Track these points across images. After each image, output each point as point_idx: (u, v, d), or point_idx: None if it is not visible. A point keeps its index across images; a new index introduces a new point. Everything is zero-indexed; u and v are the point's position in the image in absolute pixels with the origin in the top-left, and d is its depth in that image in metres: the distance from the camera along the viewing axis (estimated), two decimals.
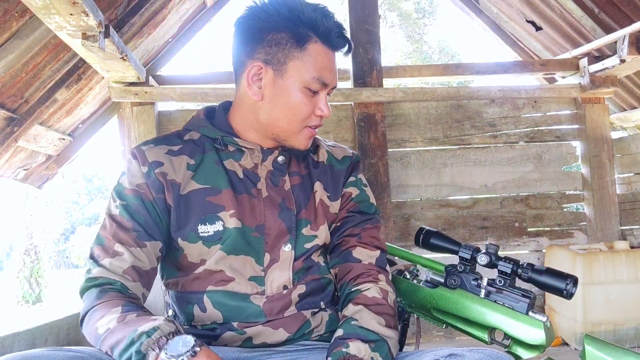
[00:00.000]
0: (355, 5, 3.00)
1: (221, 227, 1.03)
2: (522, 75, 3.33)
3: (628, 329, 2.68)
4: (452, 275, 1.10)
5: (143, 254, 1.02)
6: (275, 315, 1.04)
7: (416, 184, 3.10)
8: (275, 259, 1.06)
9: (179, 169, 1.06)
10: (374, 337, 0.96)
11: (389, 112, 3.07)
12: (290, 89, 1.04)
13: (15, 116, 2.40)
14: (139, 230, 1.02)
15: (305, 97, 1.04)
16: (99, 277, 0.99)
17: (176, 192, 1.05)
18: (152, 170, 1.04)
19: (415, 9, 13.64)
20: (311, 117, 1.07)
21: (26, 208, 10.91)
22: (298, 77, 1.03)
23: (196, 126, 1.12)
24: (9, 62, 2.07)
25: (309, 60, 1.03)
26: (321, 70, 1.04)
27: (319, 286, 1.09)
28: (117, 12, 2.38)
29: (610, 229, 3.12)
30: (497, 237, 3.12)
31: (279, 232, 1.07)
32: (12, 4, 1.83)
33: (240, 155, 1.09)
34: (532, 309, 1.03)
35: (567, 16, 3.04)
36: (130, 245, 1.01)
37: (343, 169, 1.17)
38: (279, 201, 1.08)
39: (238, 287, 1.04)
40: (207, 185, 1.06)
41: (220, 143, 1.09)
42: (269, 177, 1.09)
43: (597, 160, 3.14)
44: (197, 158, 1.08)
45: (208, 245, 1.04)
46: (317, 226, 1.10)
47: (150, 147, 1.07)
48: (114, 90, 2.80)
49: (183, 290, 1.07)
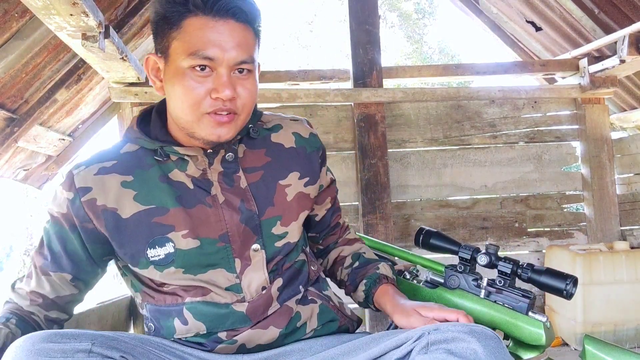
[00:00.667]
0: (355, 5, 3.00)
1: (172, 249, 0.96)
2: (522, 76, 3.33)
3: (628, 330, 2.68)
4: (452, 276, 1.10)
5: (46, 282, 1.03)
6: (260, 316, 1.00)
7: (416, 185, 3.09)
8: (247, 263, 1.00)
9: (109, 190, 0.98)
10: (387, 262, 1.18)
11: (389, 113, 3.07)
12: (177, 74, 0.93)
13: (15, 117, 2.40)
14: (51, 258, 1.03)
15: (193, 80, 0.92)
16: (10, 293, 1.06)
17: (110, 218, 0.97)
18: (79, 197, 0.97)
19: (415, 9, 13.64)
20: (207, 101, 0.93)
21: (26, 208, 10.91)
22: (179, 59, 0.93)
23: (131, 138, 1.03)
24: (8, 62, 2.07)
25: (185, 37, 0.92)
26: (202, 44, 0.91)
27: (294, 272, 1.06)
28: (117, 12, 2.38)
29: (610, 229, 3.12)
30: (497, 238, 3.11)
31: (245, 236, 1.00)
32: (12, 4, 1.83)
33: (185, 164, 1.00)
34: (532, 309, 1.03)
35: (567, 16, 3.04)
36: (41, 272, 1.04)
37: (315, 151, 1.12)
38: (237, 204, 1.00)
39: (217, 297, 0.99)
40: (151, 205, 0.97)
41: (160, 155, 1.00)
42: (222, 179, 1.01)
43: (597, 161, 3.14)
44: (135, 174, 0.99)
45: (161, 270, 0.97)
46: (287, 222, 1.05)
47: (80, 169, 1.00)
48: (114, 91, 2.80)
49: (160, 304, 1.01)
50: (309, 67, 7.00)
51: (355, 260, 1.19)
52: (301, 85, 3.06)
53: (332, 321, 1.08)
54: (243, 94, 0.96)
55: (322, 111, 3.04)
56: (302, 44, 13.89)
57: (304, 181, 1.09)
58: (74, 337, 0.80)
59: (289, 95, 2.94)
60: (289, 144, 1.09)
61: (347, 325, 1.11)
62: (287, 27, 13.91)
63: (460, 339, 0.80)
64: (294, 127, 1.12)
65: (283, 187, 1.06)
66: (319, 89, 3.02)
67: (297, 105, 3.00)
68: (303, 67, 7.30)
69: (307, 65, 10.97)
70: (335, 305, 1.10)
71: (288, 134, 1.10)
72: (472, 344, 0.79)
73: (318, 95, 2.97)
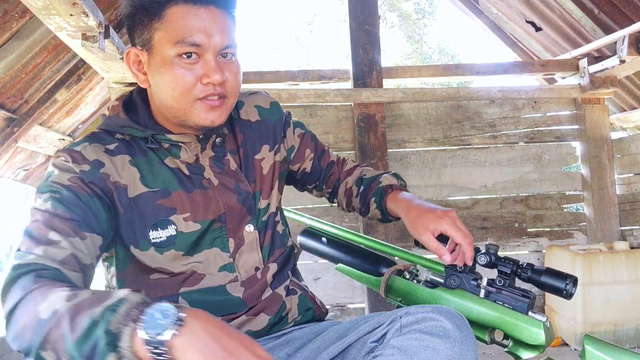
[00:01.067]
0: (355, 5, 3.01)
1: (174, 232, 0.98)
2: (521, 76, 3.33)
3: (628, 330, 2.68)
4: (452, 276, 1.10)
5: (83, 245, 0.87)
6: (255, 301, 1.04)
7: (416, 185, 3.10)
8: (240, 243, 1.05)
9: (121, 169, 0.97)
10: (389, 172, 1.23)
11: (388, 113, 3.07)
12: (164, 64, 0.94)
13: (15, 117, 2.40)
14: (78, 219, 0.88)
15: (181, 68, 0.93)
16: (31, 263, 0.80)
17: (124, 195, 0.96)
18: (97, 169, 0.94)
19: (415, 9, 13.65)
20: (198, 87, 0.94)
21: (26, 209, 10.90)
22: (165, 48, 0.93)
23: (119, 127, 1.00)
24: (9, 62, 2.07)
25: (168, 26, 0.93)
26: (187, 32, 0.92)
27: (285, 258, 1.13)
28: (117, 12, 2.38)
29: (610, 229, 3.12)
30: (496, 238, 3.12)
31: (241, 216, 1.05)
32: (12, 4, 1.83)
33: (177, 150, 1.02)
34: (531, 309, 1.03)
35: (567, 17, 3.04)
36: (68, 234, 0.86)
37: (278, 120, 1.17)
38: (232, 185, 1.04)
39: (211, 281, 1.01)
40: (156, 187, 0.99)
41: (152, 142, 1.00)
42: (213, 163, 1.04)
43: (596, 161, 3.14)
44: (137, 158, 0.99)
45: (161, 252, 0.98)
46: (267, 194, 1.10)
47: (84, 145, 0.96)
48: (114, 91, 2.81)
49: (153, 297, 0.96)
50: (309, 67, 6.99)
51: (360, 185, 1.25)
52: (301, 85, 3.07)
53: (309, 310, 1.13)
54: (230, 78, 0.97)
55: (322, 111, 3.05)
56: (302, 44, 13.90)
57: (275, 151, 1.14)
58: None
59: (289, 96, 2.94)
60: (254, 118, 1.14)
61: (320, 315, 1.17)
62: (287, 27, 13.92)
63: (429, 319, 0.85)
64: (255, 99, 1.16)
65: (259, 161, 1.11)
66: (319, 89, 3.02)
67: (297, 105, 3.01)
68: (303, 67, 7.30)
69: (307, 66, 10.97)
70: (311, 296, 1.16)
71: (251, 107, 1.14)
72: (442, 322, 0.85)
73: (318, 95, 2.97)
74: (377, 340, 0.89)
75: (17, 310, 0.74)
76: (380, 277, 1.22)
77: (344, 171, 1.30)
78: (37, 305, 0.72)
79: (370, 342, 0.90)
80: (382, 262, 1.24)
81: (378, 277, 1.23)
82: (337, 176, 1.30)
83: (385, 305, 2.84)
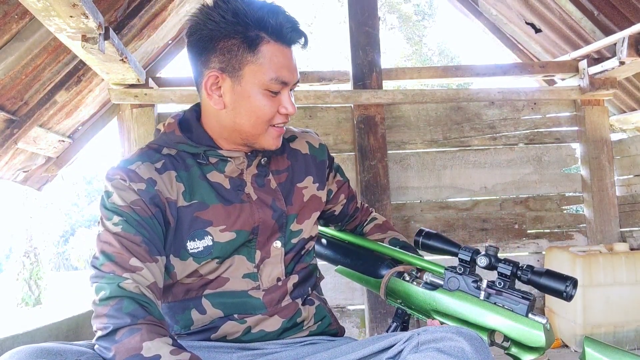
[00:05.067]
0: (355, 7, 3.01)
1: (210, 242, 1.04)
2: (521, 77, 3.33)
3: (628, 331, 2.68)
4: (452, 277, 1.10)
5: (157, 269, 0.97)
6: (275, 306, 1.09)
7: (416, 186, 3.10)
8: (266, 256, 1.10)
9: (170, 185, 1.03)
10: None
11: (388, 114, 3.07)
12: (250, 94, 1.02)
13: (15, 118, 2.40)
14: (149, 244, 0.97)
15: (267, 99, 1.04)
16: (133, 291, 0.91)
17: (174, 208, 1.03)
18: (152, 187, 1.01)
19: (415, 11, 13.66)
20: (276, 117, 1.07)
21: (26, 210, 10.91)
22: (256, 81, 1.01)
23: (172, 143, 1.08)
24: (8, 64, 2.07)
25: (263, 62, 1.01)
26: (278, 70, 1.02)
27: (307, 273, 1.17)
28: (116, 14, 2.38)
29: (609, 230, 3.12)
30: (496, 239, 3.12)
31: (272, 231, 1.11)
32: (12, 6, 1.83)
33: (223, 165, 1.09)
34: (531, 311, 1.03)
35: (567, 18, 3.05)
36: (145, 259, 0.95)
37: (323, 161, 1.24)
38: (269, 202, 1.10)
39: (233, 285, 1.07)
40: (194, 200, 1.05)
41: (203, 158, 1.08)
42: (255, 179, 1.11)
43: (596, 162, 3.14)
44: (180, 172, 1.06)
45: (199, 262, 1.04)
46: (302, 220, 1.16)
47: (138, 164, 1.02)
48: (114, 92, 2.81)
49: (176, 300, 1.08)
50: (309, 68, 7.00)
51: (396, 245, 1.31)
52: (301, 86, 3.07)
53: (324, 318, 1.17)
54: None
55: (322, 113, 3.05)
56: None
57: (317, 185, 1.20)
58: (59, 354, 0.82)
59: None
60: (304, 151, 1.22)
61: (337, 329, 1.20)
62: None
63: (448, 339, 0.85)
64: (306, 137, 1.25)
65: (300, 188, 1.17)
66: (319, 90, 3.02)
67: (296, 106, 3.00)
68: (303, 68, 7.29)
69: (307, 67, 10.98)
70: (329, 308, 1.20)
71: (302, 142, 1.23)
72: (460, 343, 0.85)
73: (318, 96, 2.97)
74: (394, 356, 0.90)
75: (124, 331, 0.88)
76: (380, 279, 1.22)
77: (373, 225, 1.38)
78: (142, 340, 0.87)
79: (386, 358, 0.90)
80: (382, 264, 1.25)
81: (378, 279, 1.23)
82: (359, 222, 1.39)
83: (385, 307, 2.84)
